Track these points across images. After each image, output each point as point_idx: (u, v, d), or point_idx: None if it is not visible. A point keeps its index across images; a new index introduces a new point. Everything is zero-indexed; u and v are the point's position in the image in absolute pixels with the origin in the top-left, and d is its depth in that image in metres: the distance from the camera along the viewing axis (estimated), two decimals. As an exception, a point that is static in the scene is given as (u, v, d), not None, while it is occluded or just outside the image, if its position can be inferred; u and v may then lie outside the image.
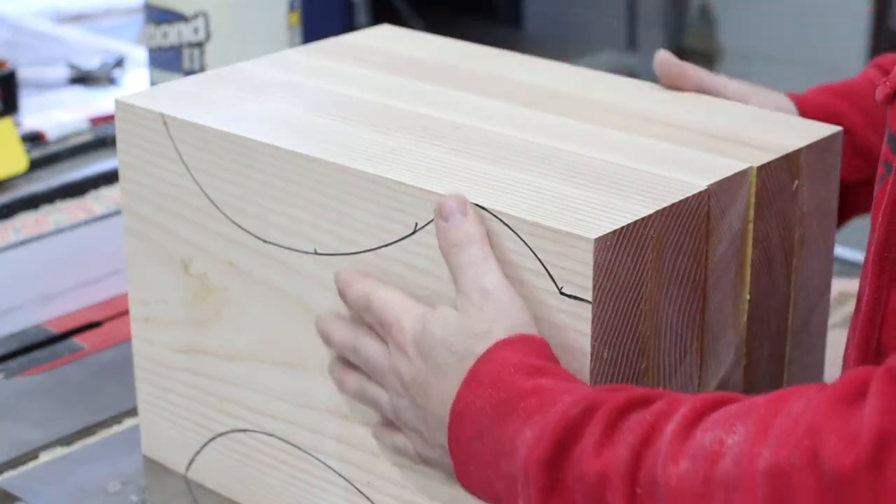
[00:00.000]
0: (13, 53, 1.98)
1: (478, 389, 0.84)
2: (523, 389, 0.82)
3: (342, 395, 0.99)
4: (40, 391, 1.27)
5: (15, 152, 1.62)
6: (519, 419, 0.81)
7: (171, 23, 1.54)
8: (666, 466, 0.73)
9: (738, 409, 0.73)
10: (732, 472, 0.70)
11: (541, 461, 0.79)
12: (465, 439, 0.84)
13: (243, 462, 1.08)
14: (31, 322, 1.38)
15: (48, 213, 1.54)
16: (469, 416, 0.84)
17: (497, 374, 0.83)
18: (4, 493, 1.13)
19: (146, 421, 1.15)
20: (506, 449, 0.82)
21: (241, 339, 1.05)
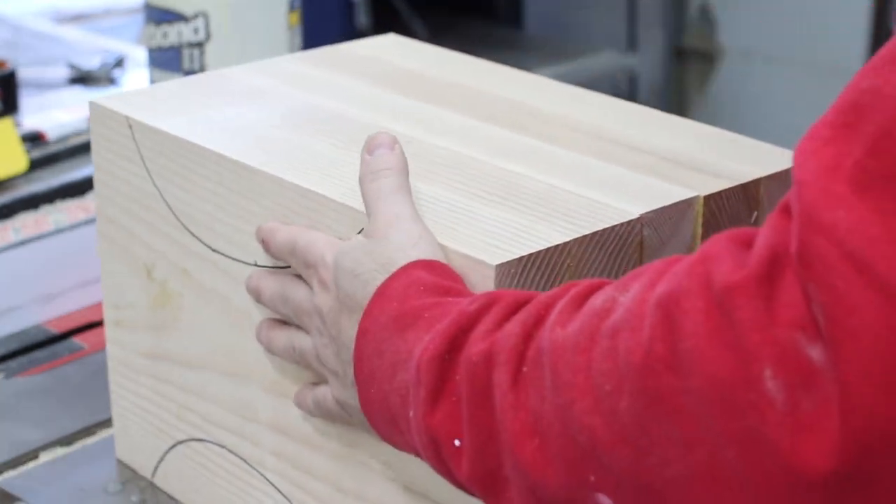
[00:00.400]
0: (13, 53, 1.98)
1: (383, 304, 0.81)
2: (430, 303, 0.79)
3: (281, 410, 0.98)
4: (40, 391, 1.27)
5: (15, 152, 1.62)
6: (421, 328, 0.78)
7: (171, 23, 1.54)
8: (553, 331, 0.70)
9: (631, 274, 0.71)
10: (621, 319, 0.67)
11: (432, 358, 0.75)
12: (367, 358, 0.81)
13: (199, 471, 1.08)
14: (31, 322, 1.38)
15: (48, 213, 1.54)
16: (372, 332, 0.81)
17: (405, 288, 0.81)
18: (4, 494, 1.13)
19: (119, 424, 1.16)
20: (402, 358, 0.78)
21: (195, 346, 1.05)
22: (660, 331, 0.64)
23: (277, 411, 1.00)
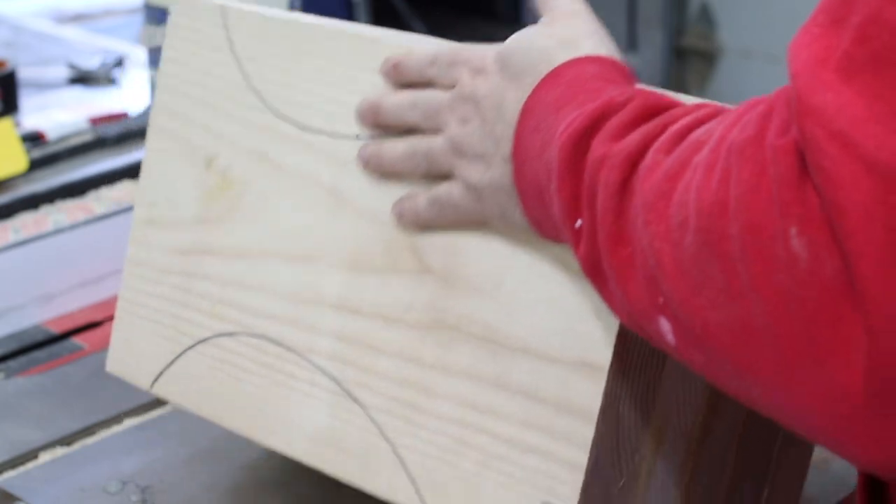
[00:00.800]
0: (13, 53, 1.98)
1: (552, 86, 0.84)
2: (589, 88, 0.82)
3: (355, 287, 0.97)
4: (40, 391, 1.27)
5: (15, 152, 1.62)
6: (573, 107, 0.81)
7: (170, 23, 1.54)
8: (657, 153, 0.73)
9: (736, 107, 0.72)
10: (704, 154, 0.69)
11: (570, 138, 0.78)
12: (527, 133, 0.84)
13: (219, 370, 1.05)
14: (31, 322, 1.38)
15: (48, 213, 1.54)
16: (536, 110, 0.84)
17: (574, 76, 0.83)
18: (4, 494, 1.13)
19: (118, 335, 1.13)
20: (552, 134, 0.81)
21: (253, 234, 1.04)
22: (724, 174, 0.67)
23: (350, 288, 0.98)
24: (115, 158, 1.68)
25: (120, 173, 1.62)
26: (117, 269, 1.42)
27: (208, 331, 1.07)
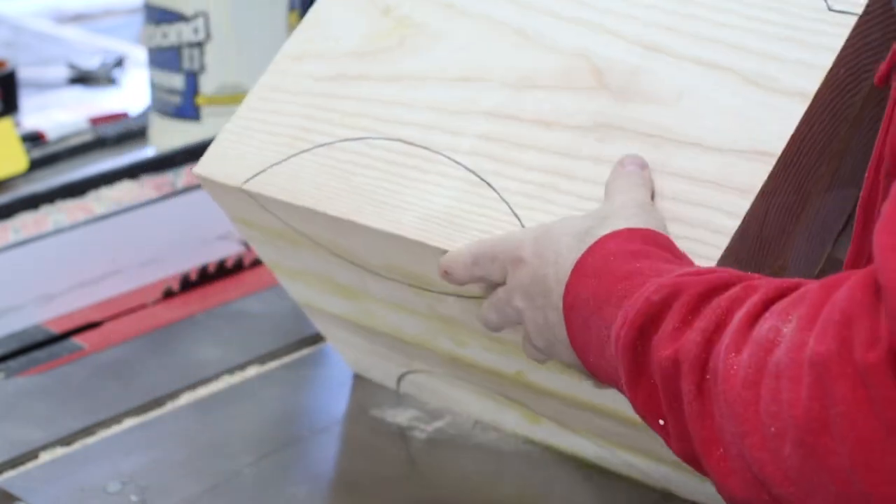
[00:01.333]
0: (13, 53, 1.98)
1: (583, 279, 0.86)
2: (618, 274, 0.84)
3: (512, 99, 0.99)
4: (40, 391, 1.27)
5: (15, 152, 1.62)
6: (613, 304, 0.83)
7: (170, 23, 1.54)
8: (728, 356, 0.74)
9: (796, 297, 0.74)
10: (783, 361, 0.71)
11: (625, 347, 0.80)
12: (577, 330, 0.87)
13: (334, 168, 1.03)
14: (31, 322, 1.38)
15: (48, 214, 1.54)
16: (577, 307, 0.86)
17: (601, 262, 0.86)
18: (4, 493, 1.13)
19: (217, 145, 1.10)
20: (605, 335, 0.84)
21: (415, 63, 1.04)
22: (815, 391, 0.68)
23: (511, 100, 0.99)
24: (115, 158, 1.68)
25: (120, 173, 1.62)
26: (117, 270, 1.42)
27: (332, 137, 1.05)
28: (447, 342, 1.07)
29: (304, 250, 1.08)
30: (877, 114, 0.97)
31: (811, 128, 0.90)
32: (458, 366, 1.09)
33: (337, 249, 1.05)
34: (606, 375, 0.86)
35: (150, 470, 1.15)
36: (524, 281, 0.91)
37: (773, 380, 0.71)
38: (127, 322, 1.38)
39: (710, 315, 0.77)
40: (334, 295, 1.12)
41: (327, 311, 1.16)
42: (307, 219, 1.03)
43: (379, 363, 1.19)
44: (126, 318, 1.39)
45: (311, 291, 1.15)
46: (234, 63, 1.57)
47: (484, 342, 1.03)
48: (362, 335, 1.16)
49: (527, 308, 0.92)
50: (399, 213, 0.98)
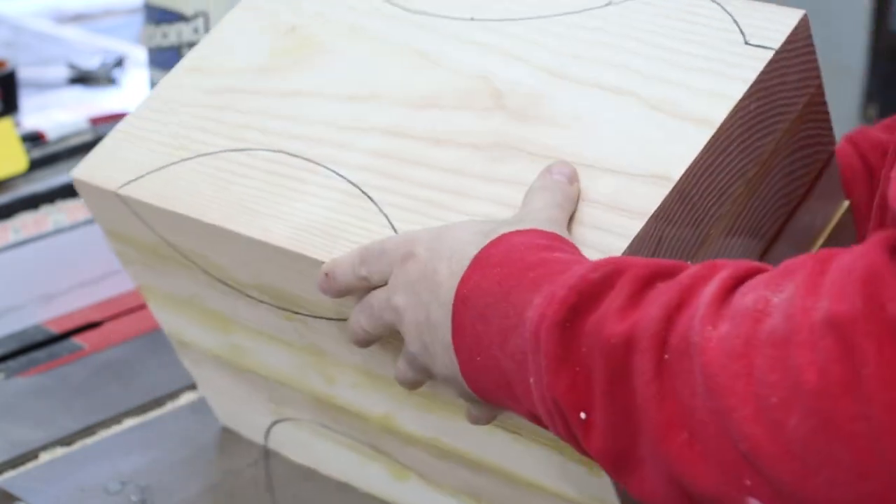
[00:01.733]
0: (13, 53, 1.98)
1: (485, 269, 0.79)
2: (530, 261, 0.78)
3: (406, 118, 0.96)
4: (40, 391, 1.27)
5: (15, 152, 1.62)
6: (526, 289, 0.77)
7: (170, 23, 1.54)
8: (703, 329, 0.69)
9: (782, 270, 0.69)
10: (783, 327, 0.66)
11: (554, 324, 0.74)
12: (469, 323, 0.79)
13: (212, 176, 1.00)
14: (31, 322, 1.38)
15: (48, 213, 1.54)
16: (474, 298, 0.79)
17: (505, 253, 0.80)
18: (4, 493, 1.13)
19: (100, 150, 1.07)
20: (512, 322, 0.77)
21: (312, 80, 1.02)
22: (835, 354, 0.64)
23: (405, 118, 0.95)
24: (115, 158, 1.68)
25: (120, 173, 1.62)
26: (117, 269, 1.42)
27: (215, 147, 1.02)
28: (316, 378, 1.03)
29: (174, 269, 1.05)
30: (789, 164, 0.94)
31: (715, 159, 0.87)
32: (326, 409, 1.06)
33: (209, 267, 1.01)
34: (492, 380, 0.79)
35: (150, 470, 1.15)
36: (411, 276, 0.84)
37: (769, 348, 0.66)
38: (127, 322, 1.38)
39: (669, 292, 0.72)
40: (204, 325, 1.09)
41: (197, 345, 1.13)
42: (180, 228, 1.00)
43: (247, 412, 1.15)
44: (126, 318, 1.39)
45: (180, 321, 1.11)
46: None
47: (353, 376, 0.99)
48: (231, 375, 1.12)
49: (408, 305, 0.84)
50: (272, 223, 0.94)
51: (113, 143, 1.07)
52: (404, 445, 1.02)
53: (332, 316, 0.95)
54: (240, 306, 1.03)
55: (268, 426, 1.15)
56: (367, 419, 1.03)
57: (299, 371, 1.05)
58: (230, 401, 1.16)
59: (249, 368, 1.10)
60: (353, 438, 1.06)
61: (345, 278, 0.89)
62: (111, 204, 1.04)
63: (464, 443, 0.96)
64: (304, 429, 1.11)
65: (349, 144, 0.96)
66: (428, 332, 0.83)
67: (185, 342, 1.14)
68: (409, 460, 1.03)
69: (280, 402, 1.11)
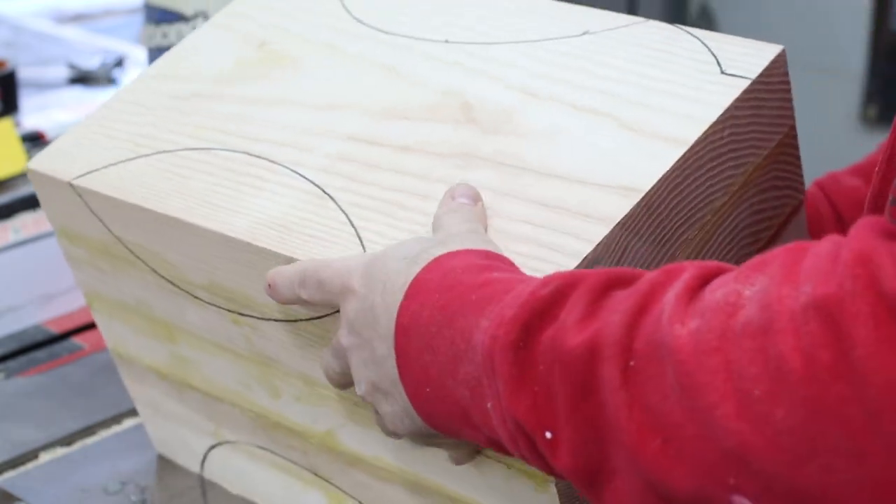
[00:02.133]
0: (13, 53, 1.98)
1: (422, 297, 0.77)
2: (473, 284, 0.75)
3: (371, 127, 0.96)
4: (40, 391, 1.27)
5: (15, 152, 1.62)
6: (471, 313, 0.74)
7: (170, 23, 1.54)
8: (671, 328, 0.66)
9: (752, 265, 0.67)
10: (760, 317, 0.64)
11: (506, 346, 0.71)
12: (415, 355, 0.77)
13: (170, 172, 0.99)
14: (31, 322, 1.38)
15: (48, 213, 1.54)
16: (416, 327, 0.76)
17: (442, 278, 0.77)
18: (4, 494, 1.13)
19: (59, 143, 1.07)
20: (461, 349, 0.74)
21: (279, 89, 1.02)
22: (822, 337, 0.62)
23: (371, 127, 0.95)
24: (115, 158, 1.68)
25: (120, 173, 1.62)
26: (117, 269, 1.42)
27: (176, 145, 1.01)
28: (260, 392, 1.02)
29: (124, 270, 1.04)
30: (758, 202, 0.94)
31: (684, 179, 0.86)
32: (267, 429, 1.04)
33: (159, 266, 1.00)
34: (446, 410, 0.77)
35: (150, 470, 1.15)
36: (349, 314, 0.82)
37: (746, 339, 0.64)
38: (127, 322, 1.38)
39: (629, 299, 0.69)
40: (149, 335, 1.08)
41: (140, 360, 1.11)
42: (134, 222, 0.99)
43: (185, 434, 1.14)
44: (126, 318, 1.39)
45: (125, 331, 1.10)
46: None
47: (298, 387, 0.98)
48: (172, 393, 1.11)
49: (352, 345, 0.82)
50: (231, 216, 0.93)
51: (71, 139, 1.06)
52: (345, 467, 1.00)
53: (280, 318, 0.94)
54: (187, 311, 1.01)
55: (205, 451, 1.13)
56: (309, 438, 1.01)
57: (243, 384, 1.03)
58: (168, 423, 1.14)
59: (191, 384, 1.08)
60: (293, 462, 1.04)
61: (284, 292, 0.87)
62: (65, 196, 1.03)
63: (406, 461, 0.95)
64: (241, 453, 1.09)
65: (313, 149, 0.96)
66: (375, 369, 0.81)
67: (129, 357, 1.13)
68: (348, 486, 1.01)
69: (220, 421, 1.08)
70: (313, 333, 0.93)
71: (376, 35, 1.03)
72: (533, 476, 0.86)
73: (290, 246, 0.89)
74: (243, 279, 0.94)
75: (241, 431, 1.07)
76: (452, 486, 0.93)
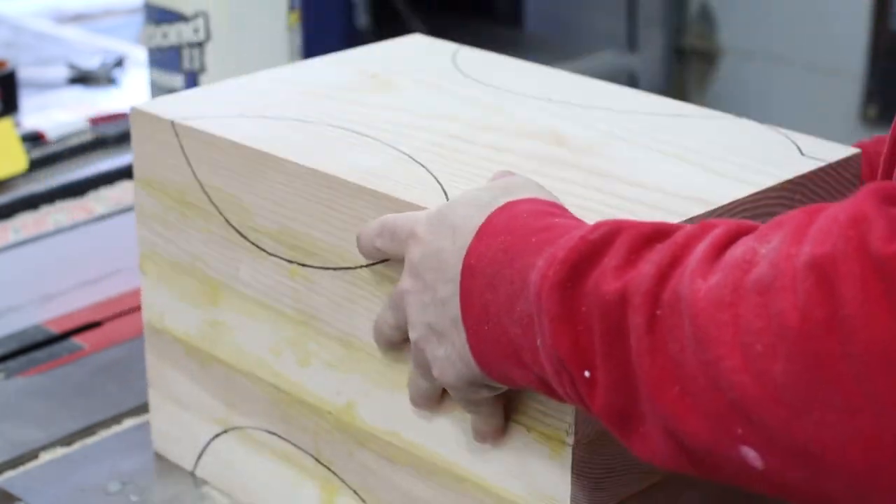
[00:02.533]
0: (13, 53, 1.98)
1: (490, 238, 0.81)
2: (534, 227, 0.79)
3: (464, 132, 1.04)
4: (40, 391, 1.27)
5: (15, 152, 1.62)
6: (530, 253, 0.78)
7: (171, 23, 1.54)
8: (693, 281, 0.69)
9: (773, 223, 0.70)
10: (767, 274, 0.66)
11: (554, 285, 0.75)
12: (477, 293, 0.80)
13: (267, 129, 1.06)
14: (31, 322, 1.38)
15: (48, 213, 1.54)
16: (480, 266, 0.80)
17: (508, 221, 0.81)
18: (5, 494, 1.13)
19: (168, 98, 1.15)
20: (517, 287, 0.78)
21: (385, 99, 1.11)
22: (816, 295, 0.64)
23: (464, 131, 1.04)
24: (114, 158, 1.68)
25: (120, 173, 1.62)
26: (117, 269, 1.42)
27: (281, 116, 1.08)
28: (289, 359, 1.04)
29: (192, 223, 1.08)
30: None
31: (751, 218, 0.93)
32: (283, 405, 1.06)
33: (232, 213, 1.05)
34: (500, 349, 0.80)
35: (150, 470, 1.15)
36: (413, 258, 0.86)
37: (754, 296, 0.66)
38: (127, 322, 1.38)
39: (664, 250, 0.73)
40: (191, 300, 1.10)
41: (171, 332, 1.13)
42: (222, 164, 1.04)
43: (189, 425, 1.14)
44: (126, 318, 1.39)
45: (168, 297, 1.12)
46: (234, 63, 1.57)
47: (332, 350, 1.01)
48: (192, 372, 1.12)
49: (413, 288, 0.86)
50: (323, 160, 0.99)
51: (178, 97, 1.14)
52: (353, 449, 1.01)
53: (347, 265, 0.97)
54: (242, 266, 1.05)
55: (206, 442, 1.13)
56: (325, 414, 1.03)
57: (274, 351, 1.05)
58: (177, 410, 1.15)
59: (217, 357, 1.09)
60: (298, 447, 1.06)
61: (365, 243, 0.92)
62: (161, 137, 1.08)
63: (421, 436, 0.97)
64: (244, 443, 1.10)
65: (411, 136, 1.03)
66: (434, 311, 0.84)
67: (161, 329, 1.14)
68: (350, 472, 1.02)
69: (233, 403, 1.10)
70: (369, 283, 0.96)
71: (481, 86, 1.13)
72: (549, 439, 0.88)
73: (374, 184, 0.95)
74: (317, 221, 0.99)
75: (254, 413, 1.08)
76: (464, 464, 0.94)
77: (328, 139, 1.03)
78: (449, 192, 0.94)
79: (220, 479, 1.13)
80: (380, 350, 0.96)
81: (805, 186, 0.97)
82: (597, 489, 0.89)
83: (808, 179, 0.97)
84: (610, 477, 0.89)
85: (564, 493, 0.88)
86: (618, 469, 0.90)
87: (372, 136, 1.03)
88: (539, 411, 0.88)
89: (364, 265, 0.96)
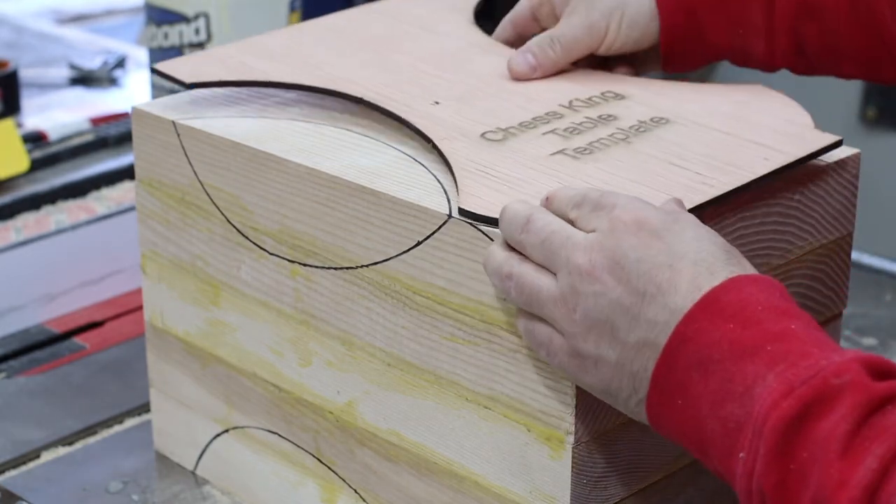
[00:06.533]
0: (15, 54, 1.98)
1: (715, 318, 0.76)
2: (771, 331, 0.75)
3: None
4: (42, 391, 1.27)
5: (16, 152, 1.62)
6: (762, 362, 0.74)
7: (171, 23, 1.54)
8: None
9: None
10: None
11: (784, 419, 0.72)
12: (681, 367, 0.77)
13: (268, 129, 1.06)
14: (33, 322, 1.38)
15: (49, 214, 1.54)
16: (696, 344, 0.76)
17: (741, 307, 0.76)
18: (6, 493, 1.13)
19: (169, 98, 1.14)
20: (737, 390, 0.74)
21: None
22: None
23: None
24: (116, 159, 1.68)
25: (121, 173, 1.62)
26: (118, 269, 1.42)
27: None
28: (290, 358, 1.04)
29: (193, 222, 1.08)
30: (807, 288, 1.00)
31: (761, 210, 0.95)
32: (284, 405, 1.06)
33: (233, 213, 1.04)
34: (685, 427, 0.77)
35: (152, 469, 1.16)
36: (623, 246, 0.80)
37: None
38: (128, 322, 1.38)
39: (885, 437, 0.70)
40: (192, 300, 1.10)
41: (172, 332, 1.13)
42: (223, 164, 1.04)
43: (190, 424, 1.15)
44: (127, 318, 1.39)
45: (169, 296, 1.12)
46: (235, 63, 1.57)
47: (333, 350, 1.00)
48: (193, 371, 1.12)
49: (611, 278, 0.79)
50: (324, 160, 0.99)
51: (179, 96, 1.14)
52: (354, 448, 1.02)
53: (348, 265, 0.97)
54: (243, 266, 1.05)
55: (207, 441, 1.14)
56: (326, 414, 1.03)
57: (275, 350, 1.05)
58: (178, 409, 1.15)
59: (218, 356, 1.10)
60: (299, 446, 1.06)
61: (558, 207, 0.85)
62: (162, 137, 1.09)
63: (423, 434, 0.97)
64: (244, 442, 1.10)
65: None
66: (622, 321, 0.79)
67: (163, 328, 1.14)
68: (351, 471, 1.03)
69: (234, 402, 1.10)
70: (371, 282, 0.96)
71: None
72: (549, 439, 0.88)
73: (374, 184, 0.95)
74: (318, 221, 0.99)
75: (255, 412, 1.08)
76: (464, 462, 0.94)
77: (328, 139, 1.03)
78: (449, 192, 0.93)
79: (221, 479, 1.13)
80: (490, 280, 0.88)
81: (804, 185, 0.97)
82: (597, 489, 0.89)
83: (818, 162, 0.97)
84: (610, 477, 0.90)
85: (564, 492, 0.88)
86: (618, 469, 0.90)
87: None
88: (539, 411, 0.88)
89: (366, 265, 0.96)
